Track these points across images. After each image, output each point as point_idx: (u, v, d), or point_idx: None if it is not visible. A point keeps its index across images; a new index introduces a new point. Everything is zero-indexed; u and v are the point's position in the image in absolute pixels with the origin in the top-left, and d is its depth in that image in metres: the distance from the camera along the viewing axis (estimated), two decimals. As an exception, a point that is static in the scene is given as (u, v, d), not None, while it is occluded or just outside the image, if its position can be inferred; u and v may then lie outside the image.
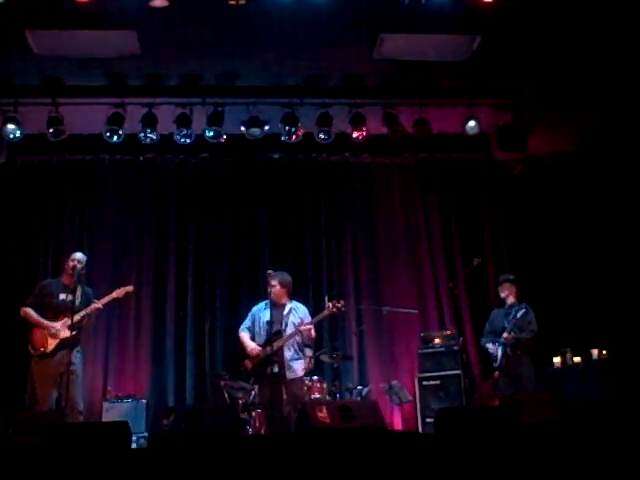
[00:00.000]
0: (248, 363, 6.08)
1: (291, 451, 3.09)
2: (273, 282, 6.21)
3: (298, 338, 6.12)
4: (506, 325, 6.53)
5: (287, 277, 6.36)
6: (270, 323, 6.05)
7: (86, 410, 6.07)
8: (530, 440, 3.08)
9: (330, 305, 6.18)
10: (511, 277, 6.97)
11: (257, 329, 6.19)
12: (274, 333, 6.04)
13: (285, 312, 6.18)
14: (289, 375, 5.95)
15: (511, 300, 6.78)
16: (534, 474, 2.95)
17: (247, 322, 6.32)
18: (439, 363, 7.35)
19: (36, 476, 2.88)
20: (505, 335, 6.48)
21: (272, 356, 5.92)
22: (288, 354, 6.01)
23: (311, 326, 6.08)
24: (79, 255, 6.26)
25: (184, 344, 7.85)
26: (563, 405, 4.65)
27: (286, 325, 6.10)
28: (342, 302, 6.28)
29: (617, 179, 7.66)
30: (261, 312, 6.24)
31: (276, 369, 5.87)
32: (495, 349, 6.55)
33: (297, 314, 6.21)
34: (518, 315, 6.50)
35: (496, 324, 6.73)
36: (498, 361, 6.51)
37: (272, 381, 5.91)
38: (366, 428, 4.55)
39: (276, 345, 5.96)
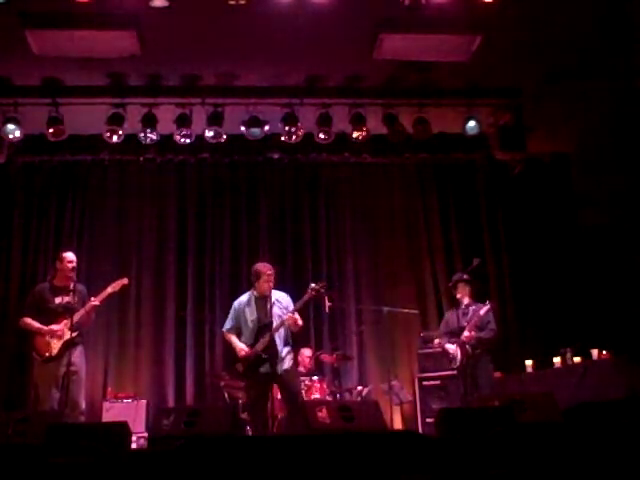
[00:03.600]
0: (240, 366, 5.84)
1: (292, 452, 3.09)
2: (270, 273, 5.90)
3: (283, 330, 5.82)
4: (464, 324, 6.44)
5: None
6: (257, 320, 5.84)
7: (86, 410, 6.05)
8: (530, 441, 3.07)
9: (309, 289, 5.91)
10: (465, 277, 6.79)
11: (243, 327, 5.92)
12: (261, 328, 5.79)
13: (269, 305, 5.86)
14: (279, 369, 5.69)
15: (466, 300, 6.68)
16: (534, 475, 2.95)
17: (231, 321, 6.02)
18: (439, 363, 7.34)
19: (36, 476, 2.88)
20: (466, 334, 6.36)
21: (262, 354, 5.70)
22: (277, 348, 5.74)
23: (295, 315, 5.78)
24: (72, 255, 6.17)
25: (184, 344, 7.85)
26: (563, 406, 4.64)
27: (272, 318, 5.80)
28: (322, 283, 6.02)
29: (617, 179, 7.65)
30: (245, 308, 5.95)
31: (268, 369, 5.66)
32: (455, 349, 6.46)
33: (281, 304, 5.91)
34: (481, 312, 6.40)
35: (452, 324, 6.61)
36: (458, 361, 6.43)
37: (263, 382, 5.70)
38: (366, 428, 4.55)
39: (263, 342, 5.72)
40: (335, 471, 2.99)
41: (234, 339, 5.93)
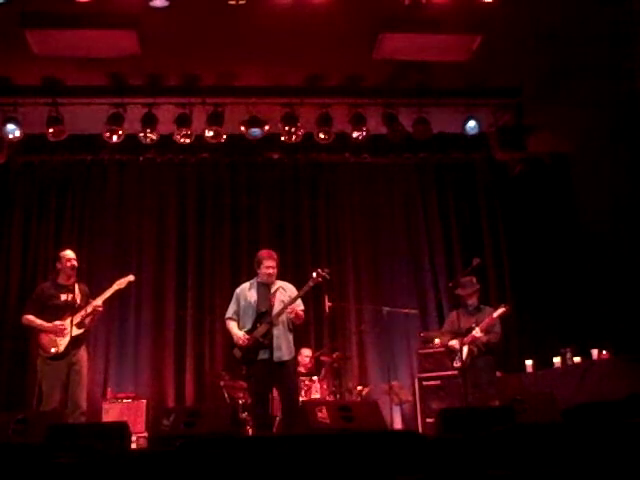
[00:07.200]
0: (237, 351, 5.65)
1: (292, 452, 3.09)
2: (272, 263, 5.75)
3: (285, 317, 5.64)
4: (473, 325, 6.35)
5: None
6: (257, 304, 5.68)
7: (86, 410, 6.04)
8: (530, 441, 3.07)
9: (314, 274, 5.74)
10: (474, 279, 6.65)
11: (243, 312, 5.75)
12: (261, 314, 5.64)
13: (272, 291, 5.72)
14: (277, 355, 5.49)
15: (473, 301, 6.57)
16: (534, 475, 2.94)
17: (232, 306, 5.84)
18: (439, 363, 7.34)
19: (36, 477, 2.88)
20: (477, 335, 6.28)
21: (260, 339, 5.52)
22: (275, 334, 5.55)
23: (301, 305, 5.69)
24: (71, 253, 6.14)
25: (184, 344, 7.85)
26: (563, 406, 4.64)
27: (273, 305, 5.64)
28: (327, 270, 5.82)
29: (617, 179, 7.66)
30: (246, 292, 5.81)
31: (266, 355, 5.46)
32: (458, 345, 6.34)
33: (285, 292, 5.77)
34: (495, 314, 6.31)
35: (457, 325, 6.42)
36: (462, 361, 6.35)
37: (262, 370, 5.47)
38: (366, 428, 4.55)
39: (263, 328, 5.56)
40: (335, 471, 2.99)
41: (234, 327, 5.74)
